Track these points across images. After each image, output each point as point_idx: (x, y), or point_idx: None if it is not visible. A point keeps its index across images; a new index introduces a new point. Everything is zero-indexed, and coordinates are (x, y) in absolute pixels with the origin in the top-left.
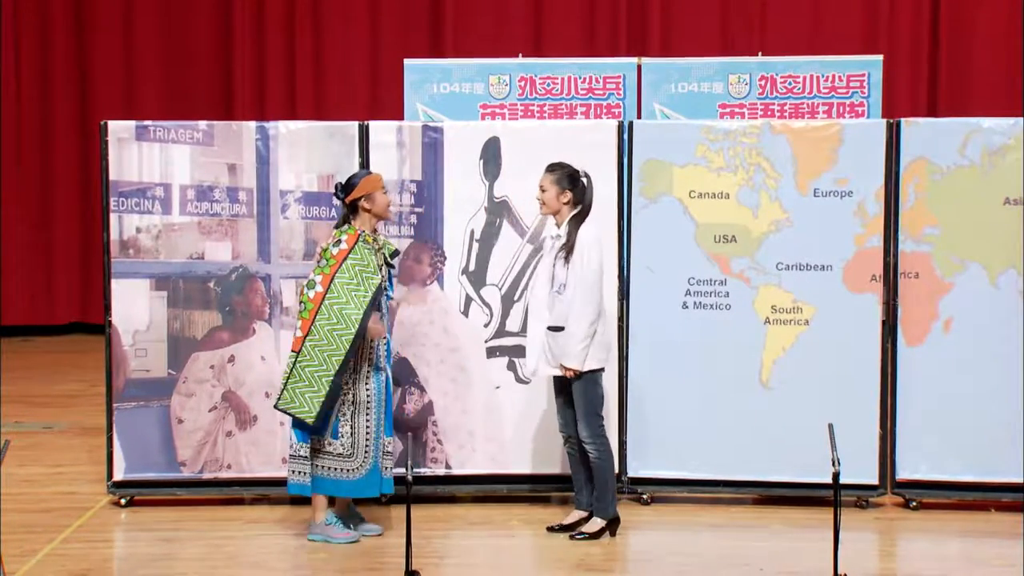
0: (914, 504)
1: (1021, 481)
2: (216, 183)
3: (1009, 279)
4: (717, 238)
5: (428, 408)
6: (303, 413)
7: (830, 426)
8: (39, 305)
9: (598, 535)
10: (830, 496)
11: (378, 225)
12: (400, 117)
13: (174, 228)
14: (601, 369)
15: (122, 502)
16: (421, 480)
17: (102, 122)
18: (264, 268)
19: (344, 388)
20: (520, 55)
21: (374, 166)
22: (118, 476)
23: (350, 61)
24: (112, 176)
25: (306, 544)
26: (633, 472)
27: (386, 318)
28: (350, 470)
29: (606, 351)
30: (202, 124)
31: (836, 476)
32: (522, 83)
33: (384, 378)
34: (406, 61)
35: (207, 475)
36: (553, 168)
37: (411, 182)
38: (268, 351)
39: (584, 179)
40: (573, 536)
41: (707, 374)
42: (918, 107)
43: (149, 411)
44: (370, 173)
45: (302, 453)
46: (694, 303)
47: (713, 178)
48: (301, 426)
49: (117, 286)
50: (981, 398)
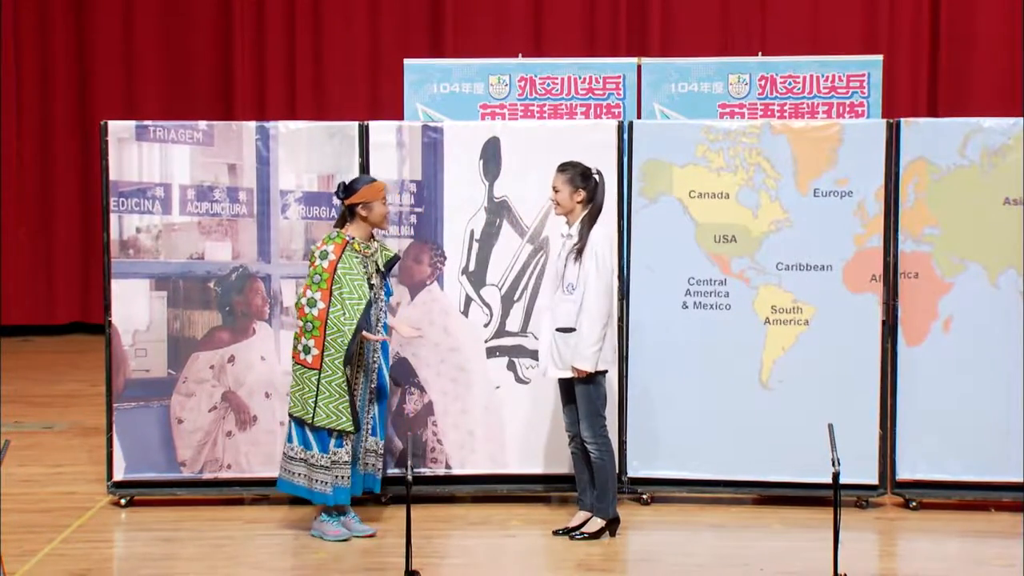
0: (914, 504)
1: (1021, 481)
2: (216, 183)
3: (1009, 279)
4: (717, 238)
5: (428, 408)
6: (346, 425)
7: (830, 426)
8: (39, 305)
9: (598, 535)
10: (830, 496)
11: (385, 230)
12: (400, 117)
13: (174, 228)
14: (606, 370)
15: (122, 502)
16: (421, 480)
17: (102, 122)
18: (264, 268)
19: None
20: (520, 55)
21: (374, 166)
22: (118, 476)
23: (350, 61)
24: (112, 176)
25: (306, 544)
26: (633, 472)
27: (382, 324)
28: (345, 477)
29: (613, 352)
30: (202, 124)
31: (836, 476)
32: (522, 83)
33: (374, 383)
34: (406, 61)
35: (207, 475)
36: (565, 168)
37: (411, 182)
38: (268, 351)
39: (596, 176)
40: (573, 536)
41: (707, 374)
42: (918, 107)
43: (149, 411)
44: (374, 181)
45: (323, 463)
46: (694, 303)
47: (713, 178)
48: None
49: (117, 286)
50: (981, 398)
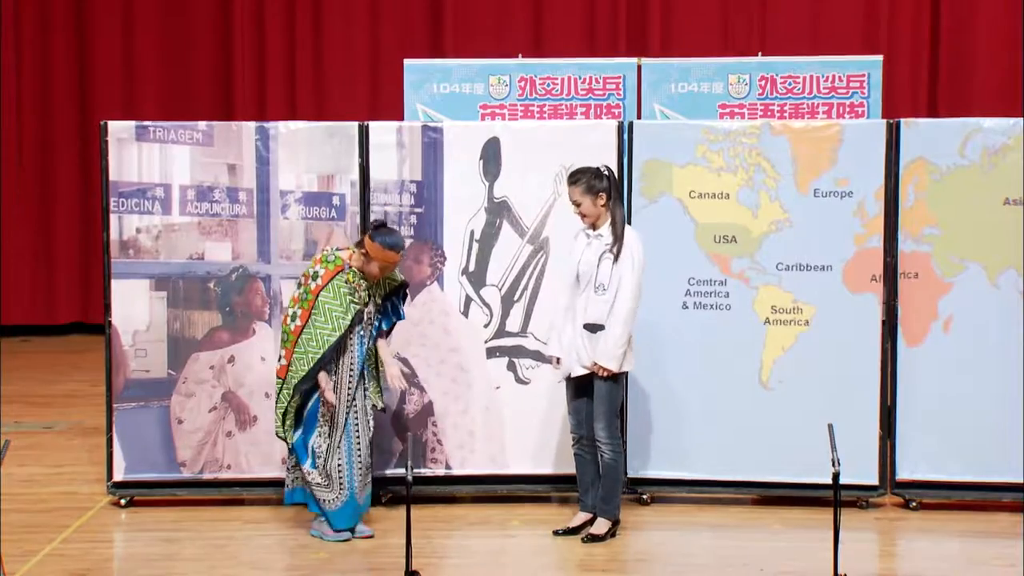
0: (914, 504)
1: (1021, 481)
2: (216, 183)
3: (1009, 279)
4: (717, 238)
5: (428, 408)
6: (280, 432)
7: (830, 426)
8: (39, 305)
9: (605, 536)
10: (830, 496)
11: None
12: (400, 117)
13: (174, 228)
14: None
15: (122, 502)
16: (421, 480)
17: (102, 122)
18: (264, 268)
19: (321, 420)
20: (520, 55)
21: (374, 166)
22: (118, 476)
23: (350, 61)
24: (112, 176)
25: (306, 544)
26: (633, 472)
27: (357, 354)
28: (329, 500)
29: (634, 355)
30: (202, 124)
31: (836, 476)
32: (522, 83)
33: (355, 412)
34: (406, 61)
35: (207, 475)
36: (577, 178)
37: (411, 182)
38: (268, 351)
39: (607, 171)
40: (584, 539)
41: (707, 374)
42: (918, 107)
43: (149, 411)
44: (400, 251)
45: (295, 465)
46: (694, 303)
47: (713, 178)
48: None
49: (117, 286)
50: (981, 398)
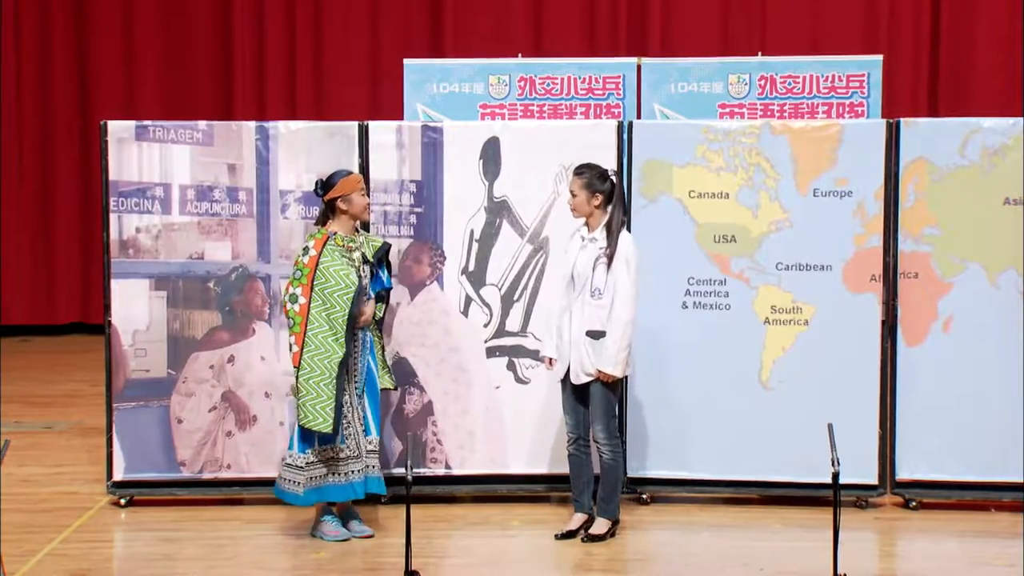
0: (914, 504)
1: (1021, 481)
2: (216, 183)
3: (1009, 279)
4: (717, 238)
5: (428, 408)
6: (322, 426)
7: (830, 426)
8: (39, 305)
9: (605, 536)
10: (830, 496)
11: (367, 222)
12: (400, 117)
13: (174, 228)
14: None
15: (122, 502)
16: (421, 480)
17: (102, 122)
18: (264, 268)
19: (344, 392)
20: (520, 55)
21: (374, 166)
22: (118, 476)
23: (350, 61)
24: (112, 176)
25: (306, 544)
26: (633, 472)
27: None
28: (356, 471)
29: (634, 356)
30: (202, 124)
31: (836, 476)
32: (522, 83)
33: (365, 375)
34: (406, 61)
35: (207, 475)
36: (582, 171)
37: (411, 182)
38: (268, 351)
39: (613, 177)
40: (584, 539)
41: (707, 374)
42: (918, 107)
43: (149, 411)
44: (350, 173)
45: (299, 463)
46: (694, 303)
47: (713, 178)
48: (305, 437)
49: (117, 286)
50: (981, 398)
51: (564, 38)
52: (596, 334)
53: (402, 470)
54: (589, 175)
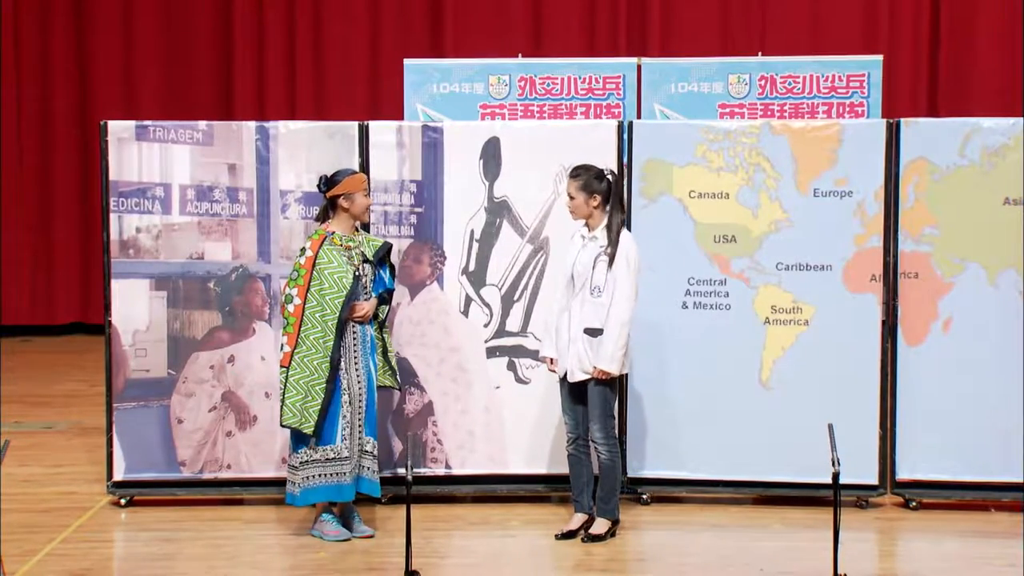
0: (914, 504)
1: (1021, 481)
2: (216, 183)
3: (1009, 279)
4: (717, 238)
5: (428, 408)
6: (305, 426)
7: (830, 426)
8: (39, 305)
9: (605, 536)
10: (830, 496)
11: (365, 223)
12: (400, 117)
13: (174, 228)
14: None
15: (122, 502)
16: (421, 480)
17: (102, 122)
18: (264, 268)
19: (345, 392)
20: (520, 55)
21: (374, 166)
22: (118, 476)
23: (350, 61)
24: (112, 176)
25: (306, 544)
26: (633, 472)
27: (360, 325)
28: (346, 473)
29: (633, 355)
30: (202, 124)
31: (836, 476)
32: (522, 83)
33: (366, 376)
34: (406, 61)
35: (207, 475)
36: (577, 173)
37: (411, 182)
38: (268, 351)
39: (609, 176)
40: (584, 539)
41: (707, 374)
42: (918, 107)
43: (149, 411)
44: (355, 173)
45: (294, 463)
46: (694, 303)
47: (713, 178)
48: (300, 437)
49: (117, 286)
50: (981, 398)
51: (564, 38)
52: (594, 331)
53: (402, 470)
54: (585, 177)
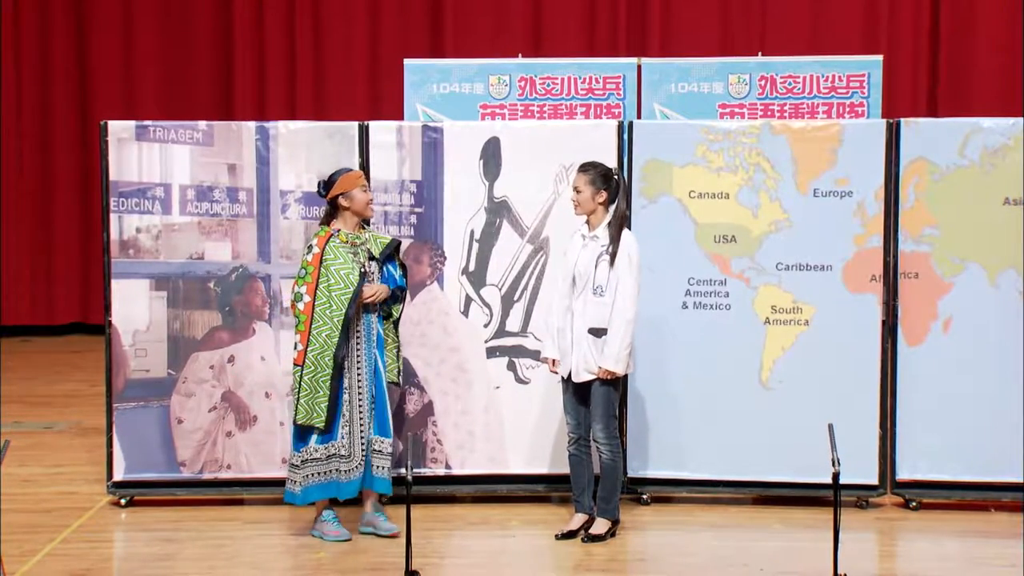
0: (914, 504)
1: (1021, 481)
2: (216, 183)
3: (1009, 279)
4: (717, 238)
5: (428, 408)
6: (316, 420)
7: (830, 426)
8: (39, 305)
9: (605, 536)
10: (830, 496)
11: (368, 217)
12: (400, 117)
13: (174, 228)
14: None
15: (122, 502)
16: (421, 480)
17: (102, 122)
18: (264, 268)
19: (346, 390)
20: (520, 55)
21: (374, 166)
22: (118, 476)
23: (350, 61)
24: (112, 176)
25: (306, 544)
26: (633, 472)
27: (365, 320)
28: (348, 470)
29: (634, 356)
30: (202, 124)
31: (836, 476)
32: (522, 83)
33: (372, 373)
34: (406, 61)
35: (207, 475)
36: (586, 168)
37: (411, 182)
38: (268, 351)
39: (616, 176)
40: (584, 539)
41: (707, 374)
42: (918, 107)
43: (149, 411)
44: (350, 170)
45: (295, 462)
46: (694, 303)
47: (713, 178)
48: (300, 436)
49: (117, 286)
50: (981, 398)
51: (564, 38)
52: (598, 331)
53: (402, 470)
54: (594, 172)
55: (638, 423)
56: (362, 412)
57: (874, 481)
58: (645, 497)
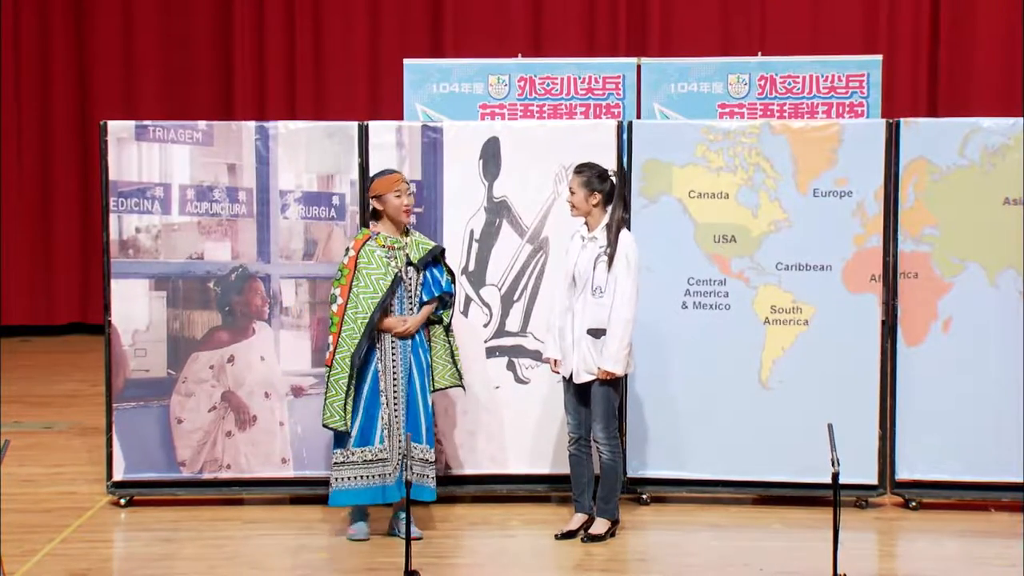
0: (914, 504)
1: (1021, 481)
2: (216, 183)
3: (1008, 279)
4: (717, 238)
5: None
6: (338, 423)
7: (830, 426)
8: (39, 305)
9: (605, 536)
10: (830, 496)
11: (403, 224)
12: (400, 117)
13: (174, 228)
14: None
15: (122, 502)
16: None
17: (102, 122)
18: (264, 268)
19: (382, 394)
20: (520, 55)
21: (374, 166)
22: (118, 476)
23: (350, 61)
24: (112, 176)
25: (306, 544)
26: (633, 472)
27: (403, 312)
28: (386, 474)
29: (633, 356)
30: (202, 124)
31: (836, 476)
32: (522, 83)
33: (404, 379)
34: (406, 61)
35: (206, 475)
36: (581, 169)
37: (411, 182)
38: (268, 351)
39: (613, 178)
40: (584, 539)
41: (707, 374)
42: (918, 107)
43: (149, 411)
44: (390, 173)
45: (334, 460)
46: (694, 303)
47: (713, 178)
48: (336, 436)
49: (117, 286)
50: (981, 398)
51: (564, 38)
52: (597, 332)
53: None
54: (588, 174)
55: (638, 423)
56: (397, 418)
57: (874, 481)
58: (645, 497)
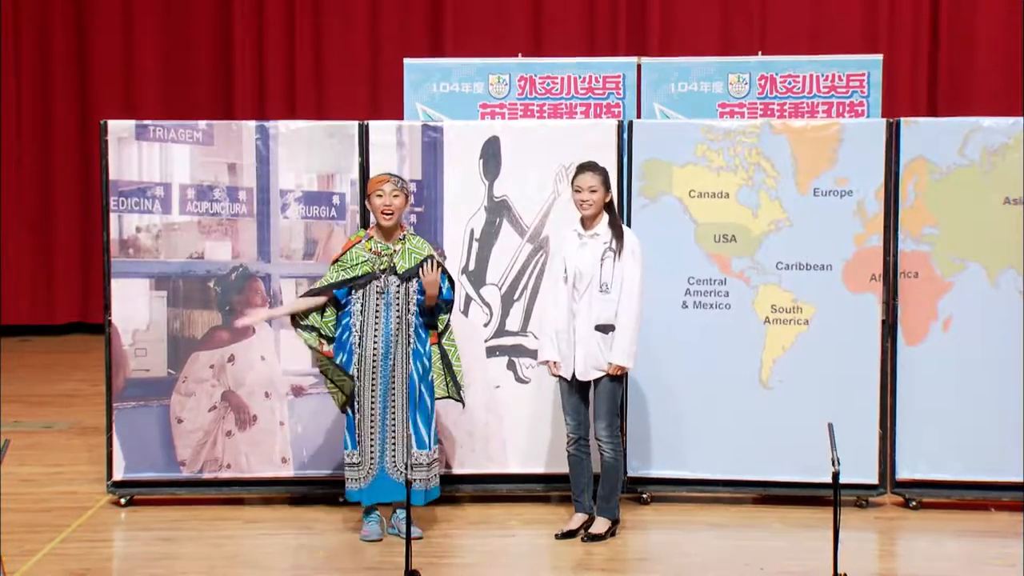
0: (914, 504)
1: (1021, 481)
2: (216, 183)
3: (1008, 279)
4: (717, 238)
5: None
6: (337, 398)
7: (830, 426)
8: (39, 305)
9: (605, 536)
10: (830, 496)
11: (384, 225)
12: (400, 117)
13: (174, 228)
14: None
15: (122, 502)
16: None
17: (102, 122)
18: (264, 268)
19: (357, 399)
20: (520, 55)
21: (374, 166)
22: (118, 476)
23: (350, 61)
24: (112, 176)
25: (306, 544)
26: (633, 472)
27: (385, 327)
28: (357, 479)
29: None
30: (202, 124)
31: (836, 476)
32: (522, 83)
33: (382, 390)
34: (406, 61)
35: (207, 475)
36: (594, 168)
37: (411, 182)
38: (268, 351)
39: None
40: (584, 539)
41: (707, 374)
42: (918, 107)
43: (149, 411)
44: (380, 176)
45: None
46: (694, 303)
47: (713, 178)
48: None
49: (117, 286)
50: (981, 398)
51: (564, 38)
52: (606, 328)
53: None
54: (603, 172)
55: (638, 423)
56: (373, 422)
57: (874, 480)
58: (645, 496)
